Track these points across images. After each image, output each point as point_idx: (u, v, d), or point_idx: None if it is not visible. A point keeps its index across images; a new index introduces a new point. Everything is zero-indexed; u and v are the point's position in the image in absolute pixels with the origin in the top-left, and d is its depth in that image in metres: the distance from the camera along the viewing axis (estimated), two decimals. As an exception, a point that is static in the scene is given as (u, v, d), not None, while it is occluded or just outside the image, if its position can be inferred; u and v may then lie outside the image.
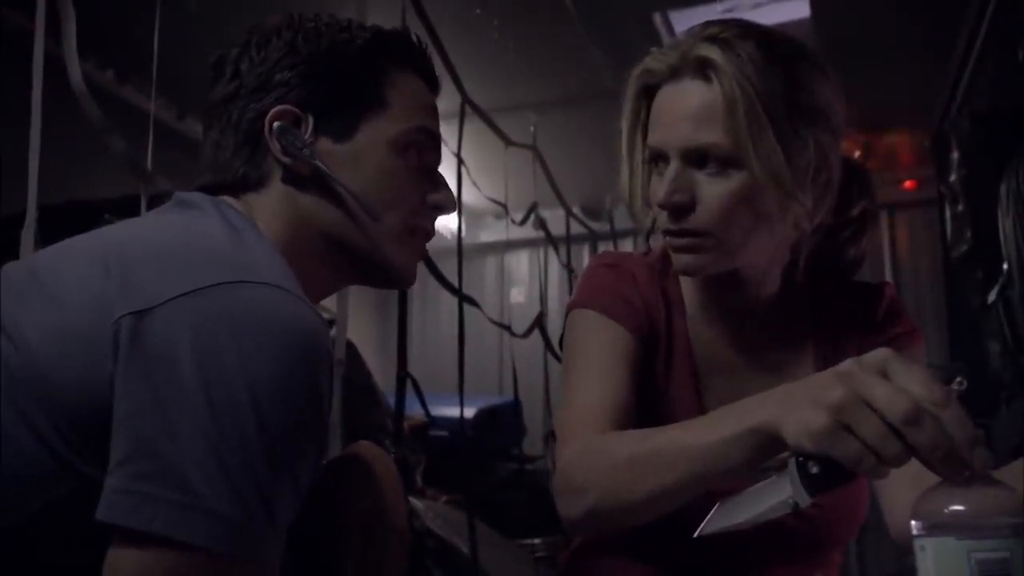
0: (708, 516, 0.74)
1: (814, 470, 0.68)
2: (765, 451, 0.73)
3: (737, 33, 0.97)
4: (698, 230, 0.97)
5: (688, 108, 0.96)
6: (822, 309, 1.11)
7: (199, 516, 0.65)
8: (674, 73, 0.99)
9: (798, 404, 0.68)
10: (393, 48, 0.94)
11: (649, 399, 1.05)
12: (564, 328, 1.10)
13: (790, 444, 0.69)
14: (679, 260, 1.01)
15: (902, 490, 0.94)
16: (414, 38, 0.98)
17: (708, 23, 1.00)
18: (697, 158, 0.96)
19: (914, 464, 0.69)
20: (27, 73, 1.48)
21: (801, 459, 0.68)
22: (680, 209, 0.97)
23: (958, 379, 0.70)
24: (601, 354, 1.02)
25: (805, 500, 0.68)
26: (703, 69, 0.96)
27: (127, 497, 0.66)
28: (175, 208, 0.87)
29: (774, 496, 0.70)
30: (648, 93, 1.03)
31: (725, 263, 1.01)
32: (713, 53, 0.95)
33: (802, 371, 1.08)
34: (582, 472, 0.88)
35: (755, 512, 0.72)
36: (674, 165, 0.97)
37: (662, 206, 0.97)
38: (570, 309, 1.08)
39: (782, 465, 0.71)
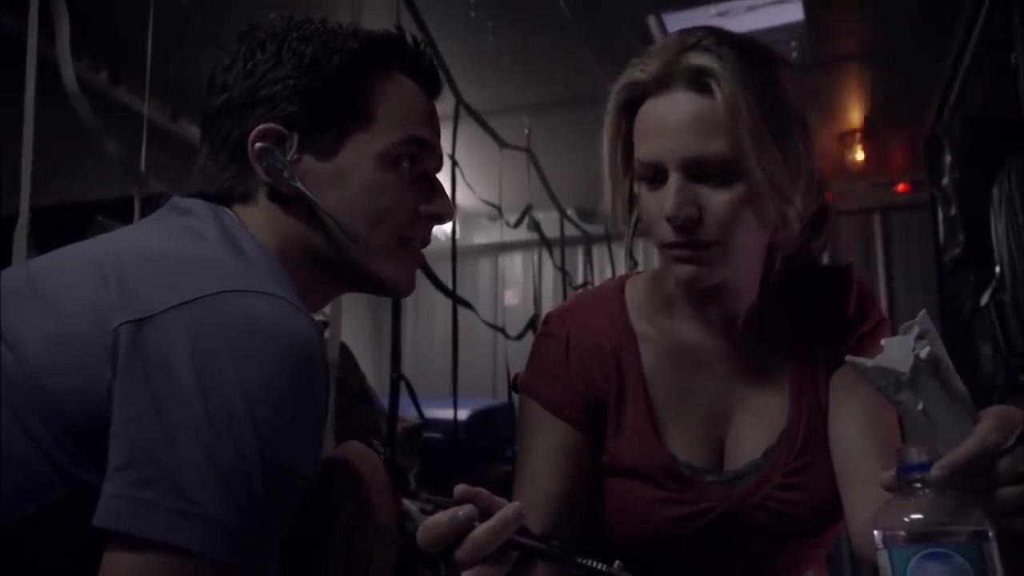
0: None
1: None
2: None
3: (716, 40, 0.96)
4: (706, 241, 0.96)
5: (685, 119, 0.95)
6: (795, 309, 1.10)
7: (196, 522, 0.65)
8: (661, 84, 0.97)
9: None
10: (380, 55, 0.92)
11: (609, 447, 1.06)
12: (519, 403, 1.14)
13: None
14: (683, 272, 0.99)
15: (865, 507, 0.94)
16: (408, 39, 0.95)
17: (684, 32, 0.99)
18: (698, 169, 0.95)
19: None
20: (20, 74, 1.48)
21: None
22: (689, 222, 0.95)
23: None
24: (541, 448, 1.07)
25: None
26: (697, 78, 0.95)
27: (124, 503, 0.66)
28: (172, 214, 0.87)
29: None
30: (630, 107, 1.01)
31: (725, 273, 1.00)
32: (709, 62, 0.94)
33: (778, 379, 1.08)
34: None
35: None
36: (675, 178, 0.95)
37: (671, 220, 0.95)
38: (520, 387, 1.13)
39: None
